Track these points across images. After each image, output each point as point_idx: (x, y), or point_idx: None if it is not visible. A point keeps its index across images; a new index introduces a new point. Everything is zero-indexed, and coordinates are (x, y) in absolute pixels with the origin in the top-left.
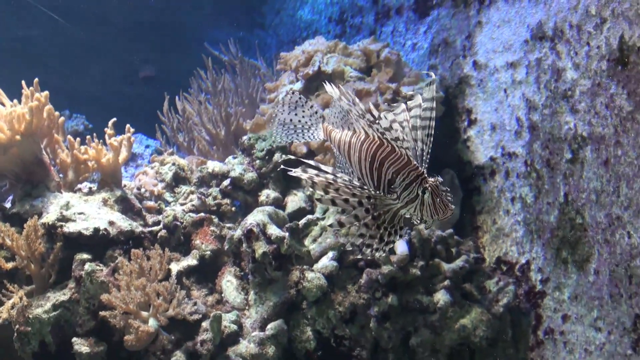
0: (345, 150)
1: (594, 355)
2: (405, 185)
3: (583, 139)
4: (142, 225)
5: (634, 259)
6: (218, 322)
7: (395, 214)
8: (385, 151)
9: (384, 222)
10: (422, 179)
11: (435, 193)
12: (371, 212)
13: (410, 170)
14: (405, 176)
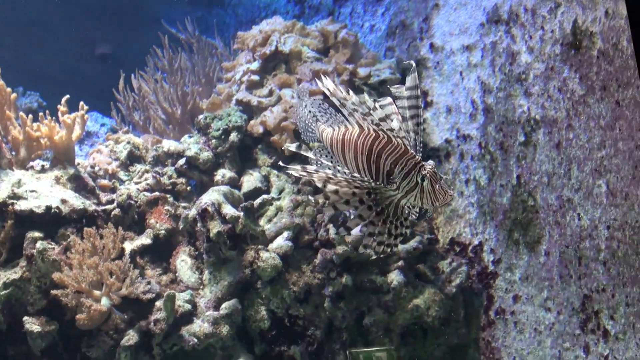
0: (339, 149)
1: (544, 334)
2: (403, 175)
3: (536, 122)
4: (95, 203)
5: (584, 241)
6: (172, 301)
7: (397, 206)
8: (381, 143)
9: (389, 216)
10: (420, 167)
11: (433, 179)
12: (374, 208)
13: (407, 159)
14: (403, 165)
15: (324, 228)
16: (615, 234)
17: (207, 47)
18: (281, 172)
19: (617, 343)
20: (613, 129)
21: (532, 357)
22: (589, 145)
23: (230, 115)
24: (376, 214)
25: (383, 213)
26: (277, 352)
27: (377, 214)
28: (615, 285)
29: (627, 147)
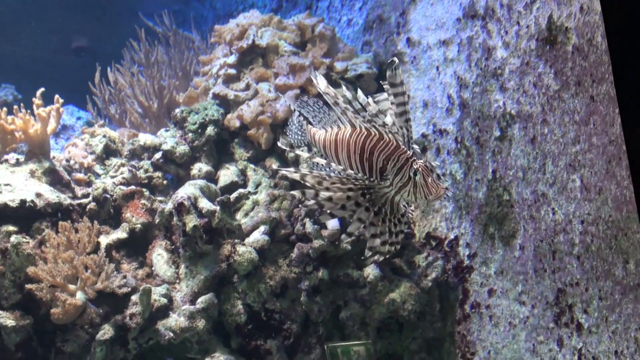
0: (332, 150)
1: (518, 328)
2: (396, 170)
3: (511, 117)
4: (70, 197)
5: (558, 235)
6: (148, 295)
7: (392, 202)
8: (373, 140)
9: (386, 214)
10: (412, 161)
11: (426, 173)
12: (371, 209)
13: (399, 154)
14: (395, 161)
15: (300, 222)
16: (589, 229)
17: (184, 40)
18: (258, 166)
19: (591, 336)
20: (587, 124)
21: (506, 351)
22: (563, 140)
23: (207, 108)
24: (374, 214)
25: (381, 212)
26: (254, 346)
27: (375, 214)
28: (589, 279)
29: (601, 142)
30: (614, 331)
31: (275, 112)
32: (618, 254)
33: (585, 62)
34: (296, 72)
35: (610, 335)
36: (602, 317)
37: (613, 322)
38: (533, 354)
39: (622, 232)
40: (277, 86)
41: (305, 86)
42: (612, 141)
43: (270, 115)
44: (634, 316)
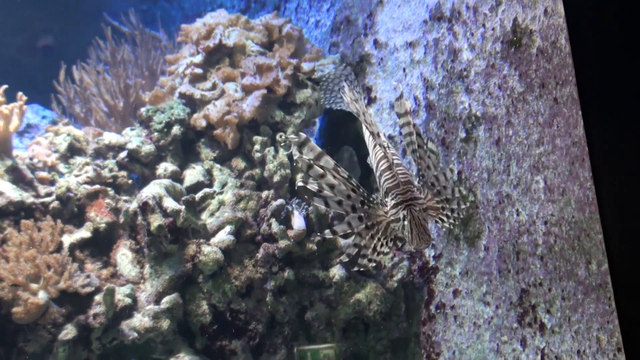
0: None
1: (482, 328)
2: (393, 205)
3: (477, 119)
4: (33, 196)
5: (522, 236)
6: (111, 295)
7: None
8: (384, 165)
9: (377, 232)
10: (407, 205)
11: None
12: (364, 221)
13: (397, 193)
14: (394, 196)
15: (266, 222)
16: (553, 229)
17: (151, 39)
18: (224, 166)
19: (554, 336)
20: (551, 126)
21: (471, 351)
22: (527, 141)
23: (172, 108)
24: (365, 227)
25: (372, 228)
26: (219, 347)
27: (366, 227)
28: (552, 280)
29: (565, 143)
30: (577, 331)
31: (241, 112)
32: (581, 254)
33: (549, 64)
34: (263, 72)
35: (572, 335)
36: (565, 317)
37: (576, 321)
38: (497, 354)
39: (584, 232)
40: (243, 86)
41: (272, 86)
42: (575, 143)
43: (237, 115)
44: (596, 316)
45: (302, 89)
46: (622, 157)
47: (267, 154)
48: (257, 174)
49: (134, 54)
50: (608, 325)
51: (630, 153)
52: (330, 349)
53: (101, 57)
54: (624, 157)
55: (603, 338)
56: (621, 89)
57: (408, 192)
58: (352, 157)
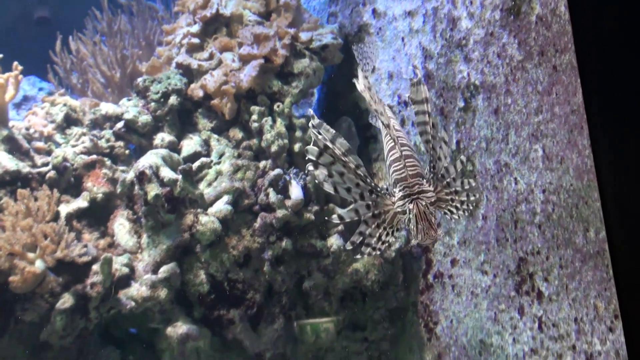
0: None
1: (480, 297)
2: (400, 197)
3: (475, 88)
4: (30, 166)
5: (520, 204)
6: (108, 264)
7: (394, 216)
8: (394, 155)
9: (384, 222)
10: (414, 199)
11: (418, 217)
12: (372, 209)
13: (405, 185)
14: (401, 188)
15: (264, 192)
16: (550, 198)
17: (148, 10)
18: (221, 136)
19: (551, 304)
20: (550, 94)
21: (468, 320)
22: (526, 110)
23: (169, 78)
24: (372, 216)
25: (379, 217)
26: (216, 316)
27: (373, 215)
28: (550, 248)
29: (563, 111)
30: (574, 298)
31: (239, 82)
32: (579, 222)
33: (549, 32)
34: (260, 41)
35: (570, 303)
36: (563, 284)
37: (573, 289)
38: (494, 323)
39: (582, 200)
40: (241, 56)
41: (270, 56)
42: (574, 110)
43: (234, 85)
44: (593, 283)
45: (300, 59)
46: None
47: (265, 124)
48: (255, 144)
49: (131, 25)
50: (605, 293)
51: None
52: (330, 322)
53: (98, 28)
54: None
55: (600, 305)
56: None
57: (416, 186)
58: (350, 127)
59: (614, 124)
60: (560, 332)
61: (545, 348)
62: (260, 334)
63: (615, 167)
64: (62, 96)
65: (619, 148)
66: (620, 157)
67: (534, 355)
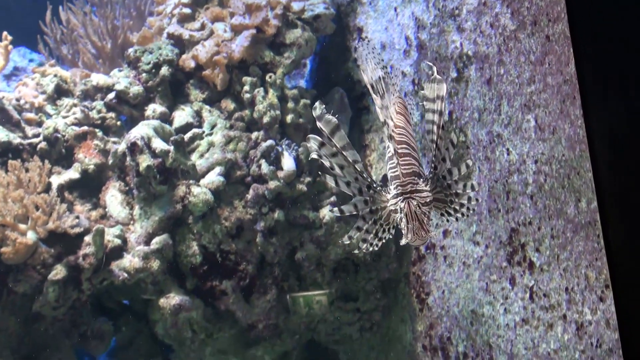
0: None
1: (472, 268)
2: (393, 195)
3: (468, 58)
4: (21, 137)
5: (512, 175)
6: (101, 236)
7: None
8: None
9: (381, 218)
10: (405, 198)
11: (409, 217)
12: (370, 205)
13: (398, 184)
14: (395, 186)
15: (256, 164)
16: (543, 168)
17: None
18: (213, 107)
19: (542, 274)
20: (542, 64)
21: (460, 290)
22: (518, 80)
23: (161, 48)
24: (370, 211)
25: (376, 213)
26: (209, 287)
27: (370, 211)
28: (542, 218)
29: (556, 81)
30: (565, 269)
31: (230, 52)
32: (570, 192)
33: (542, 1)
34: (252, 11)
35: (561, 273)
36: (554, 255)
37: (564, 259)
38: (486, 293)
39: (574, 170)
40: (232, 26)
41: (261, 26)
42: (566, 80)
43: (226, 56)
44: (584, 253)
45: (292, 29)
46: (613, 93)
47: (257, 94)
48: (247, 115)
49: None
50: (596, 263)
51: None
52: (323, 295)
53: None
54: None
55: (591, 275)
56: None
57: (409, 185)
58: (342, 98)
59: (607, 94)
60: (551, 302)
61: (536, 318)
62: (253, 305)
63: (607, 137)
64: (53, 67)
65: (611, 118)
66: (612, 127)
67: (525, 325)
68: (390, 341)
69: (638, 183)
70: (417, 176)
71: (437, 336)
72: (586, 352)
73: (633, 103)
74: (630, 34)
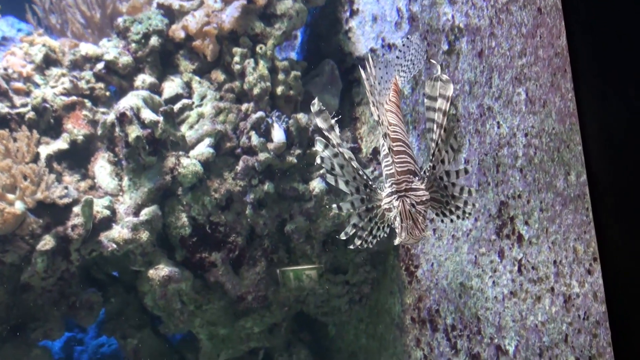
0: None
1: (461, 241)
2: (388, 193)
3: (460, 30)
4: (8, 107)
5: (502, 148)
6: (89, 206)
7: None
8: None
9: (376, 216)
10: (400, 196)
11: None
12: (366, 203)
13: (393, 182)
14: (390, 185)
15: (246, 135)
16: (533, 141)
17: None
18: (203, 79)
19: (531, 247)
20: (534, 37)
21: (449, 263)
22: (510, 53)
23: (150, 18)
24: (366, 209)
25: (372, 211)
26: (198, 259)
27: (367, 209)
28: (531, 192)
29: (547, 54)
30: (554, 242)
31: (221, 23)
32: (560, 165)
33: None
34: None
35: (549, 246)
36: (543, 228)
37: (553, 232)
38: (475, 266)
39: (564, 144)
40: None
41: None
42: (557, 53)
43: (216, 26)
44: (573, 227)
45: (283, 0)
46: (604, 66)
47: (247, 66)
48: (237, 87)
49: None
50: (585, 236)
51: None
52: (313, 269)
53: None
54: (606, 66)
55: (580, 248)
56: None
57: (404, 183)
58: (333, 70)
59: (598, 66)
60: (540, 274)
61: (525, 290)
62: (242, 277)
63: (597, 110)
64: (41, 36)
65: (601, 91)
66: (602, 101)
67: (513, 297)
68: (379, 313)
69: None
70: (412, 174)
71: (425, 308)
72: (573, 325)
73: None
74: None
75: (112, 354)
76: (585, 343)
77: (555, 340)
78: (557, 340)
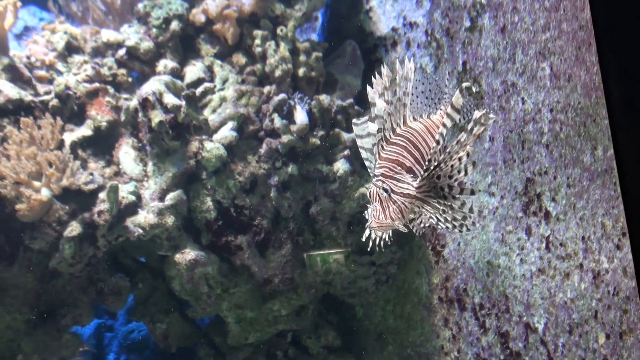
0: None
1: (487, 219)
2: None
3: (482, 6)
4: (32, 94)
5: (527, 124)
6: (115, 192)
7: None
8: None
9: None
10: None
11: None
12: None
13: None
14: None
15: (269, 118)
16: (558, 117)
17: None
18: (225, 62)
19: (558, 223)
20: (557, 10)
21: (476, 242)
22: (533, 27)
23: (170, 3)
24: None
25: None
26: (224, 242)
27: None
28: (557, 167)
29: (571, 28)
30: (582, 217)
31: (241, 5)
32: (586, 140)
33: None
34: None
35: (577, 222)
36: (570, 204)
37: (581, 208)
38: (502, 244)
39: (590, 118)
40: None
41: None
42: (582, 26)
43: (237, 9)
44: (601, 202)
45: None
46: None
47: (268, 48)
48: (259, 69)
49: None
50: (613, 211)
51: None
52: (340, 253)
53: None
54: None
55: (608, 223)
56: None
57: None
58: (355, 50)
59: (623, 38)
60: (568, 251)
61: (553, 267)
62: (268, 260)
63: (623, 82)
64: (63, 24)
65: (627, 63)
66: (628, 73)
67: (541, 275)
68: (406, 294)
69: None
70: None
71: (453, 288)
72: (603, 301)
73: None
74: None
75: (142, 339)
76: (615, 319)
77: (585, 317)
78: (587, 317)
